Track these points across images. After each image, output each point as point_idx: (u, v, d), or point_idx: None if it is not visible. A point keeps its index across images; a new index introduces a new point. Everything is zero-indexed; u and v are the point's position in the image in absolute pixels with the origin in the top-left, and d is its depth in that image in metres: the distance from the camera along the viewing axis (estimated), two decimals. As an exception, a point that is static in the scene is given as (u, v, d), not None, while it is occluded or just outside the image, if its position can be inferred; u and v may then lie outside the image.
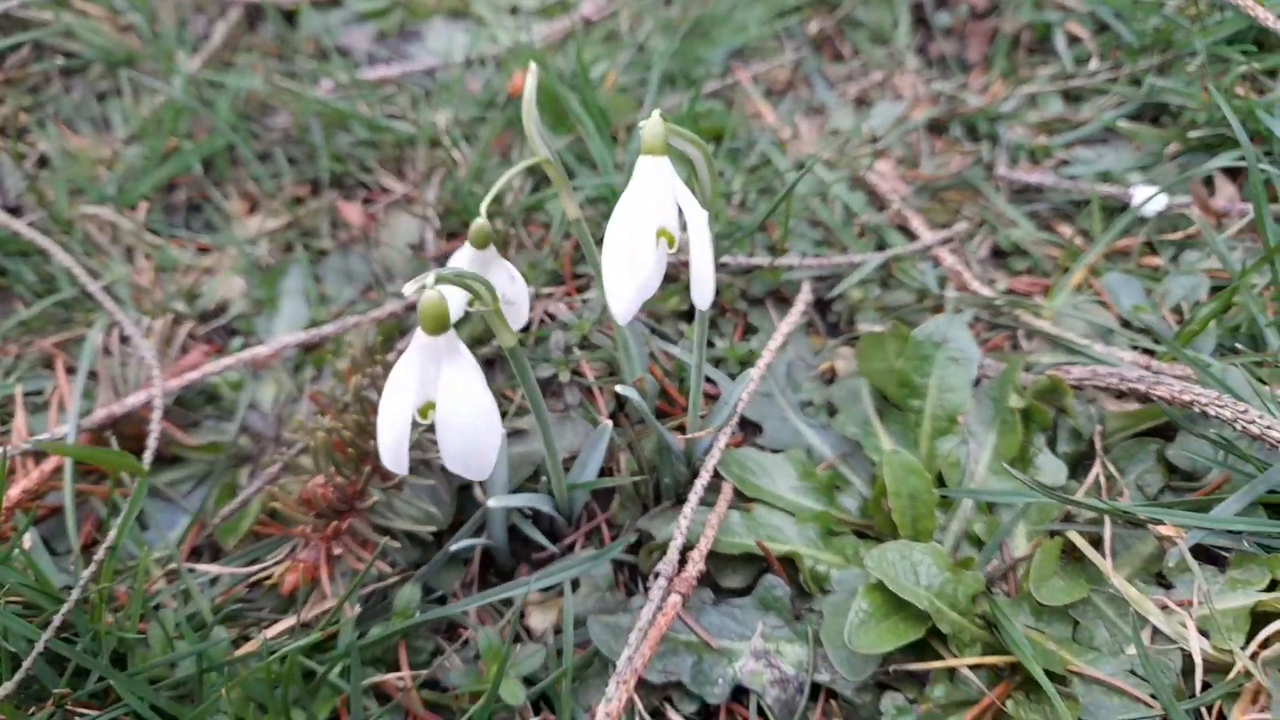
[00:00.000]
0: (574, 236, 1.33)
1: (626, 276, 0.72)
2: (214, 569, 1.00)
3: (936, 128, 1.55)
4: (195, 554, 1.07)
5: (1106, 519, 0.97)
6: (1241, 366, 1.03)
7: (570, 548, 1.10)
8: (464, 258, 0.87)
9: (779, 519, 1.05)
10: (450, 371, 0.70)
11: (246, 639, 0.95)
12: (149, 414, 1.09)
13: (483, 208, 0.81)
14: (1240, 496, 0.91)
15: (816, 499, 1.09)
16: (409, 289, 0.67)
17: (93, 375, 1.16)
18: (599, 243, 1.30)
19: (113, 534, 0.91)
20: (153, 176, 1.41)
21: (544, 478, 1.06)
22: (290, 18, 1.72)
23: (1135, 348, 1.17)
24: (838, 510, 1.08)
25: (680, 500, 1.07)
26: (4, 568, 0.88)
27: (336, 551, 0.95)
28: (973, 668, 0.92)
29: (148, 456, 1.03)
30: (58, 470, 1.05)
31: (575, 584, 1.03)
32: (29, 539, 0.99)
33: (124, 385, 1.11)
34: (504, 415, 1.16)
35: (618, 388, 0.95)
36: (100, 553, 0.91)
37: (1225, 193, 1.40)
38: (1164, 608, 0.90)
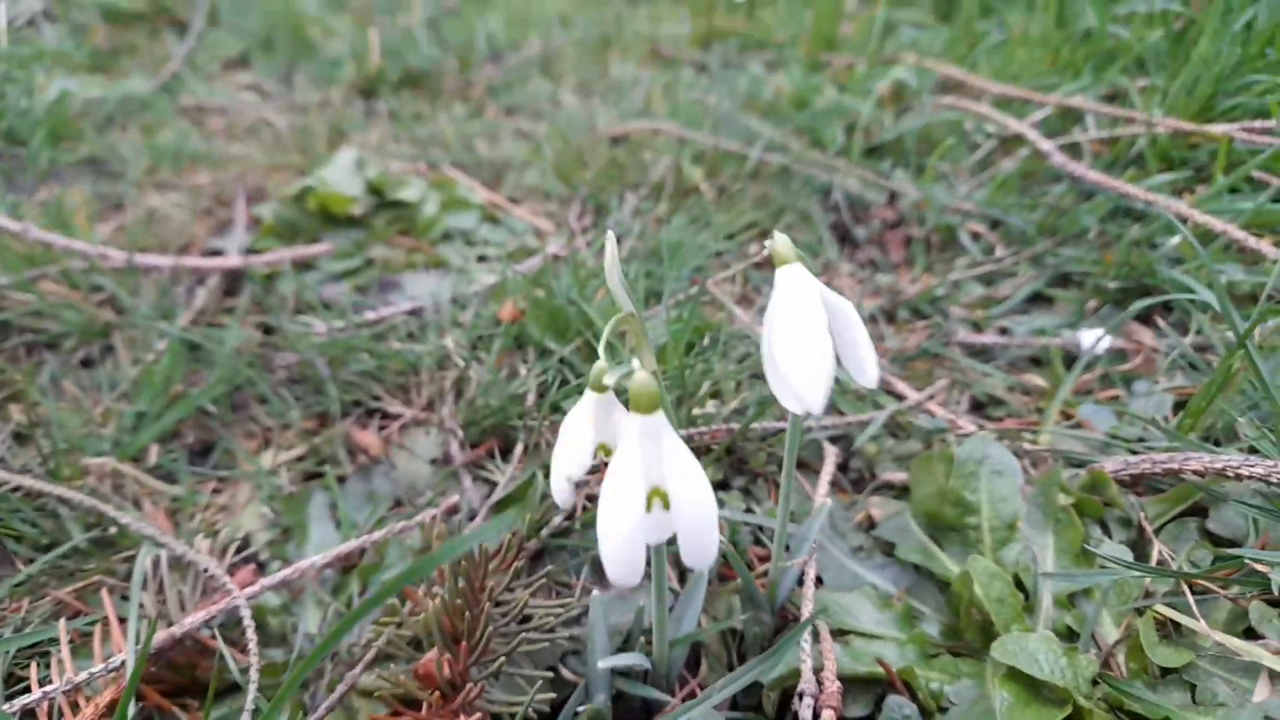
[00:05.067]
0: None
1: (813, 369, 0.76)
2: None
3: (886, 315, 1.73)
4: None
5: (1185, 586, 1.03)
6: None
7: (672, 718, 1.05)
8: (587, 405, 0.87)
9: (878, 646, 1.05)
10: (675, 452, 0.70)
11: None
12: (202, 637, 1.02)
13: (601, 348, 0.83)
14: (1299, 533, 1.00)
15: (901, 628, 1.10)
16: (610, 379, 0.71)
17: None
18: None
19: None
20: (154, 427, 1.38)
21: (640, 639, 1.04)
22: (267, 283, 1.79)
23: (1134, 454, 1.28)
24: (925, 636, 1.09)
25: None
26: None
27: (464, 728, 0.88)
28: (1118, 747, 0.92)
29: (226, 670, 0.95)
30: (112, 706, 0.94)
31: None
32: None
33: (175, 609, 1.04)
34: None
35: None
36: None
37: (1143, 336, 1.61)
38: (1276, 652, 0.95)
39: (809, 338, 0.77)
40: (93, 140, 2.37)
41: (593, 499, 1.28)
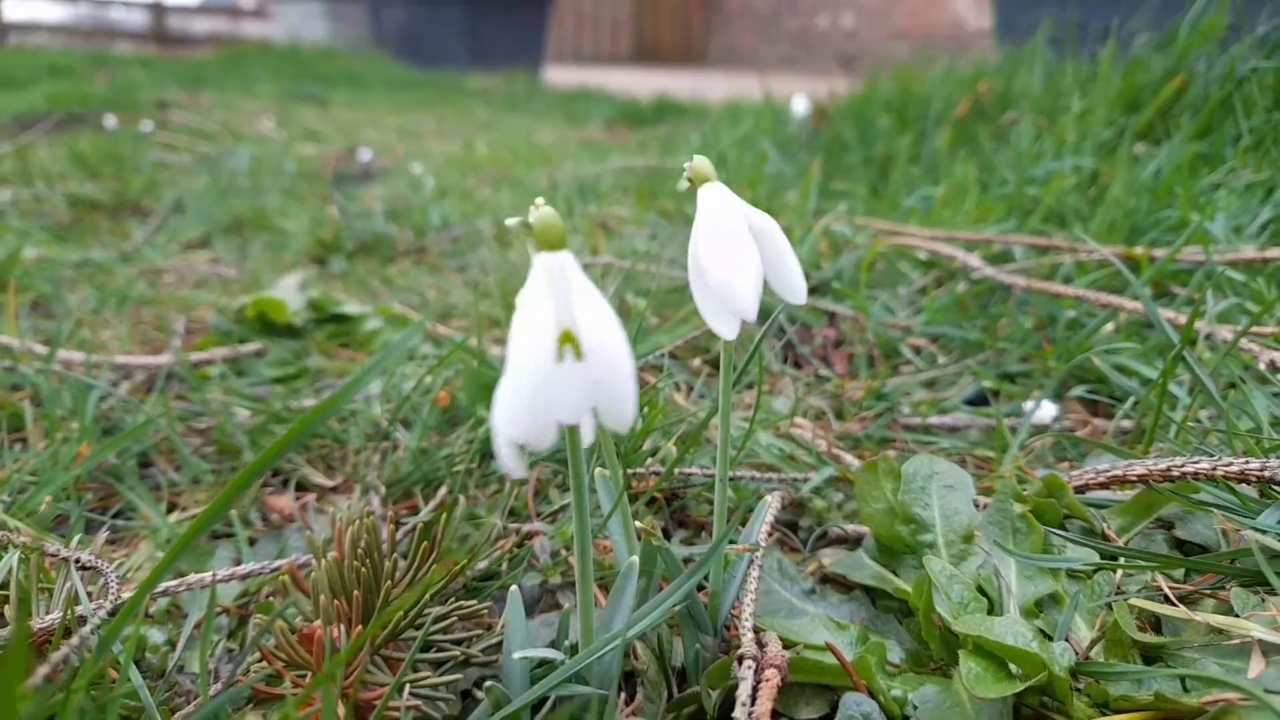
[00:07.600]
0: (529, 484, 1.30)
1: (741, 270, 0.75)
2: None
3: (834, 411, 1.70)
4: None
5: (1160, 578, 0.95)
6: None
7: (601, 745, 0.91)
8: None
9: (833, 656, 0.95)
10: (585, 293, 0.63)
11: None
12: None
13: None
14: (1273, 510, 0.94)
15: (858, 645, 0.99)
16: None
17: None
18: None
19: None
20: (51, 485, 1.28)
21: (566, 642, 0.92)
22: (198, 385, 1.73)
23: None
24: (884, 650, 0.98)
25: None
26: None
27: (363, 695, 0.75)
28: (1106, 729, 0.81)
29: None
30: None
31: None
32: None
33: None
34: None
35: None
36: None
37: (1092, 420, 1.59)
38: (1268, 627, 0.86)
39: (734, 245, 0.76)
40: (40, 289, 2.37)
41: (530, 536, 1.19)
